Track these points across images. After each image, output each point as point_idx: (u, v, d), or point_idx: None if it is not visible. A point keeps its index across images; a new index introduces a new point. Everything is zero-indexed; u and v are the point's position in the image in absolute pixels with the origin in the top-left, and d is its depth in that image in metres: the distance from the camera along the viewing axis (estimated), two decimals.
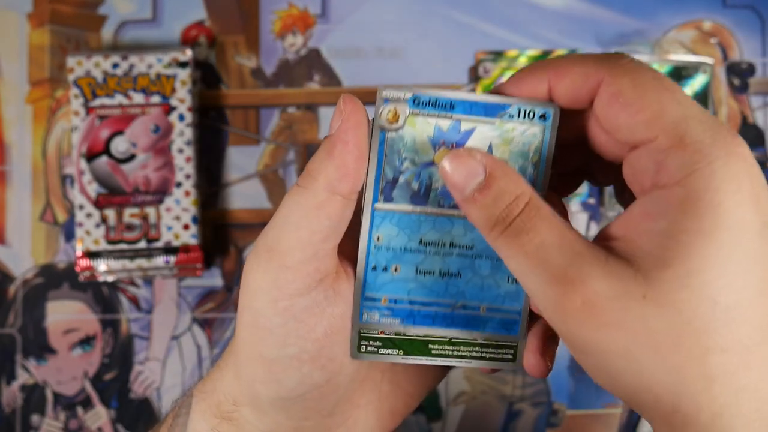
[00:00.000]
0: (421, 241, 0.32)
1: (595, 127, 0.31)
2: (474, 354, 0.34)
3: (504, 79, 0.31)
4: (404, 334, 0.33)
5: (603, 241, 0.28)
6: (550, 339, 0.34)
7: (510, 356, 0.34)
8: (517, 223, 0.28)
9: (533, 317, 0.34)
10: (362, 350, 0.33)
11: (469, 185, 0.29)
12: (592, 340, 0.27)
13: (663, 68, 0.66)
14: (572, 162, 0.33)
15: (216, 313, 0.66)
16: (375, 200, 0.31)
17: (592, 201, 0.66)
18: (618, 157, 0.30)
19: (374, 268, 0.32)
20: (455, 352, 0.34)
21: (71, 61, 0.64)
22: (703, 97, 0.65)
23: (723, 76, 0.68)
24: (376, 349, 0.33)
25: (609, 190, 0.66)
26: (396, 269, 0.32)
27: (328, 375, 0.33)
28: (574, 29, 0.68)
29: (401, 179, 0.31)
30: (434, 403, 0.66)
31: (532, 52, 0.67)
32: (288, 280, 0.31)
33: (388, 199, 0.31)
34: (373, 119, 0.31)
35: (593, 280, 0.26)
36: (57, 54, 0.68)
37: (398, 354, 0.34)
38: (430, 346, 0.34)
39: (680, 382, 0.26)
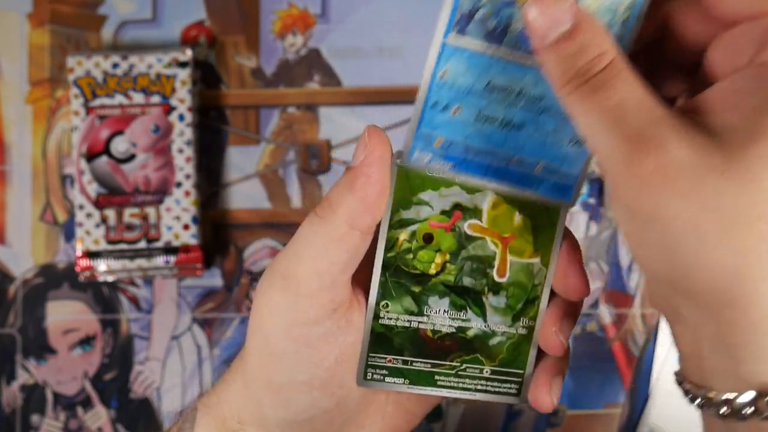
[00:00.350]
0: (488, 85, 0.30)
1: (685, 6, 0.29)
2: (479, 387, 0.34)
3: None
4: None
5: (686, 113, 0.27)
6: (557, 375, 0.33)
7: (515, 391, 0.34)
8: (597, 79, 0.26)
9: (540, 354, 0.34)
10: (368, 378, 0.33)
11: (552, 32, 0.26)
12: (658, 207, 0.25)
13: None
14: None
15: (216, 313, 0.66)
16: (447, 32, 0.29)
17: (592, 201, 0.66)
18: (700, 43, 0.29)
19: (434, 106, 0.30)
20: (460, 384, 0.34)
21: (71, 61, 0.64)
22: None
23: None
24: (382, 378, 0.33)
25: (609, 189, 0.66)
26: (457, 110, 0.30)
27: (337, 400, 0.33)
28: None
29: (478, 14, 0.29)
30: None
31: None
32: (303, 308, 0.31)
33: (462, 32, 0.29)
34: None
35: (671, 145, 0.25)
36: (57, 54, 0.67)
37: (404, 383, 0.33)
38: (436, 377, 0.33)
39: (743, 266, 0.24)
